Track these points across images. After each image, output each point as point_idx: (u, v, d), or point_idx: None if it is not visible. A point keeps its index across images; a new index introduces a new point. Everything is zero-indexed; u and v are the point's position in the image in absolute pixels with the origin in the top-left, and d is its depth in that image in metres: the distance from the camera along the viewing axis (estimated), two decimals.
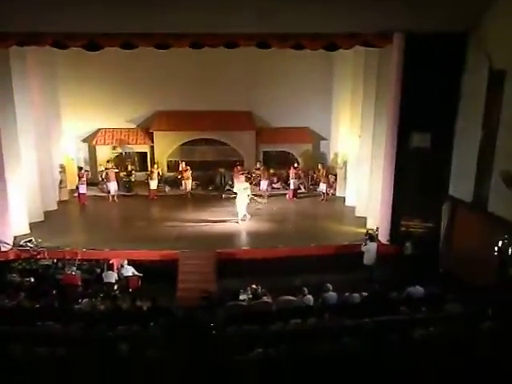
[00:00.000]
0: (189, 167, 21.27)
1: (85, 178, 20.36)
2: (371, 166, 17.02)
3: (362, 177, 18.14)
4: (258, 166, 21.97)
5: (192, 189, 21.36)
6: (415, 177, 15.07)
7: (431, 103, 14.25)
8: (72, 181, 21.05)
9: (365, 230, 16.24)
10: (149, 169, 21.91)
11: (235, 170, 21.62)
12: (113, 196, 20.58)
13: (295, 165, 21.61)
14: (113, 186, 20.65)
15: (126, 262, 14.10)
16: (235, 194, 18.61)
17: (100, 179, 21.85)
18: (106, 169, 21.16)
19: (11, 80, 15.56)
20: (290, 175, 21.26)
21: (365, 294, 12.15)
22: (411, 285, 12.33)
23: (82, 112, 21.59)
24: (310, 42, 14.56)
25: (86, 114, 21.72)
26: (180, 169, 21.55)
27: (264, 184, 21.03)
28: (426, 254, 14.64)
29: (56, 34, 14.13)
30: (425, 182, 15.01)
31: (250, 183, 20.54)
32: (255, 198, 19.38)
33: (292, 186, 21.22)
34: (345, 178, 20.61)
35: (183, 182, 21.25)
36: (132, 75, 21.16)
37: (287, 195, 21.28)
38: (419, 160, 14.93)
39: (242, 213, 18.01)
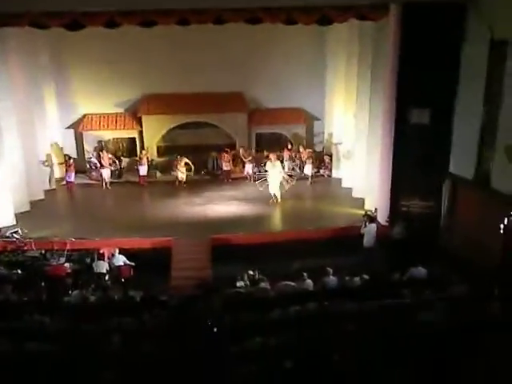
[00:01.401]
0: (185, 159, 20.36)
1: (72, 166, 19.81)
2: (368, 144, 16.54)
3: (358, 157, 17.65)
4: (241, 151, 21.34)
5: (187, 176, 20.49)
6: (414, 154, 14.55)
7: (430, 77, 13.70)
8: (59, 169, 20.45)
9: (363, 212, 15.78)
10: (138, 154, 21.28)
11: (223, 154, 20.97)
12: (106, 183, 20.01)
13: (289, 146, 21.04)
14: (106, 173, 20.17)
15: (117, 250, 13.57)
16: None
17: (88, 166, 21.22)
18: (98, 155, 20.67)
19: None
20: (284, 157, 20.67)
21: (366, 277, 11.76)
22: (413, 266, 11.94)
23: (67, 97, 20.87)
24: (302, 16, 13.94)
25: (71, 99, 21.02)
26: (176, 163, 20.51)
27: (249, 167, 20.57)
28: (427, 234, 14.23)
29: (35, 13, 13.38)
30: (424, 160, 14.50)
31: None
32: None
33: (286, 169, 20.63)
34: (339, 158, 20.14)
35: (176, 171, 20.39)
36: (118, 58, 20.34)
37: None
38: (418, 137, 14.40)
39: (277, 192, 17.69)
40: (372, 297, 10.31)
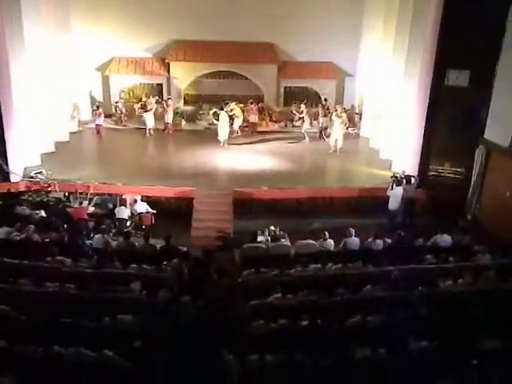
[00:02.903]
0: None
1: (101, 110, 19.66)
2: (400, 105, 15.98)
3: (388, 117, 17.14)
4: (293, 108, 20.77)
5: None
6: (448, 118, 14.10)
7: (473, 38, 13.02)
8: (85, 111, 20.36)
9: (390, 173, 15.41)
10: (164, 101, 21.01)
11: (250, 106, 20.35)
12: (149, 129, 19.74)
13: (323, 102, 20.48)
14: (150, 120, 19.74)
15: (139, 197, 13.58)
16: None
17: (114, 111, 21.01)
18: (141, 102, 20.50)
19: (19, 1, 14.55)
20: (319, 113, 20.02)
21: (388, 240, 11.56)
22: (437, 233, 11.68)
23: (95, 38, 20.41)
24: None
25: (100, 41, 20.56)
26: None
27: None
28: (455, 201, 13.88)
29: None
30: (458, 124, 14.02)
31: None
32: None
33: (320, 125, 19.93)
34: (368, 117, 19.58)
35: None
36: (149, 0, 19.90)
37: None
38: (454, 100, 13.89)
39: (339, 144, 17.69)
40: (394, 261, 10.15)
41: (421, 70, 14.48)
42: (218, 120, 18.66)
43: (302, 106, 19.96)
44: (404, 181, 14.30)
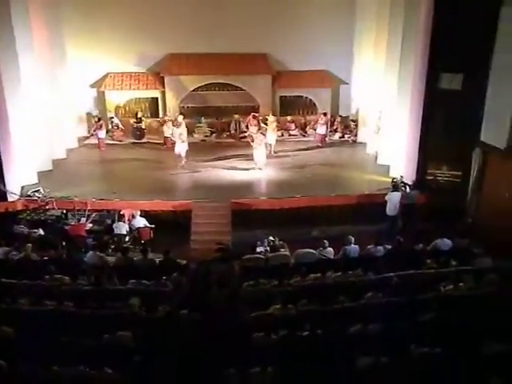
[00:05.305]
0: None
1: (102, 122, 19.58)
2: (395, 110, 15.99)
3: (384, 122, 17.15)
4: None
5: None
6: (444, 121, 14.11)
7: (465, 41, 13.06)
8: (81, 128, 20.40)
9: (387, 179, 15.40)
10: (160, 115, 21.01)
11: (251, 118, 20.43)
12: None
13: (325, 111, 20.55)
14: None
15: (137, 212, 13.55)
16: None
17: (110, 126, 20.95)
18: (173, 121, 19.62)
19: (11, 22, 14.52)
20: (319, 121, 20.18)
21: (388, 246, 11.50)
22: (437, 237, 11.62)
23: (90, 56, 20.41)
24: None
25: (94, 57, 20.54)
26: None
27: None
28: (454, 204, 13.84)
29: None
30: (454, 127, 14.03)
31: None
32: None
33: (320, 132, 20.17)
34: (364, 124, 19.65)
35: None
36: (141, 16, 19.99)
37: (316, 140, 20.40)
38: (449, 103, 13.91)
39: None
40: (394, 267, 10.09)
41: (414, 75, 14.49)
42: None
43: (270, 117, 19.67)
44: (401, 185, 14.29)
